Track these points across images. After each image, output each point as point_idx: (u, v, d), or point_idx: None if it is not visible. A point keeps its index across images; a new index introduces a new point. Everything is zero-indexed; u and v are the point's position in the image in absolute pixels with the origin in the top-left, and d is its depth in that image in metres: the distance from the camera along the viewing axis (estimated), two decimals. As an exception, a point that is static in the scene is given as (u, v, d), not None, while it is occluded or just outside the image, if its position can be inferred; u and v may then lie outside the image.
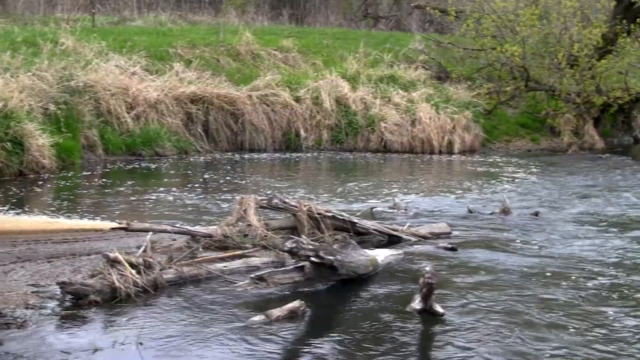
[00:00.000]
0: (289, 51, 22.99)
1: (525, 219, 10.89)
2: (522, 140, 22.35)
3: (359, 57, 22.62)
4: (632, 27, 22.11)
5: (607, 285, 7.42)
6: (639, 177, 15.94)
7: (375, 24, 33.07)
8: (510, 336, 5.94)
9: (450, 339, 5.93)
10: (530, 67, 22.24)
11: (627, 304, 6.82)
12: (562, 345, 5.78)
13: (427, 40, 25.24)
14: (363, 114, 20.18)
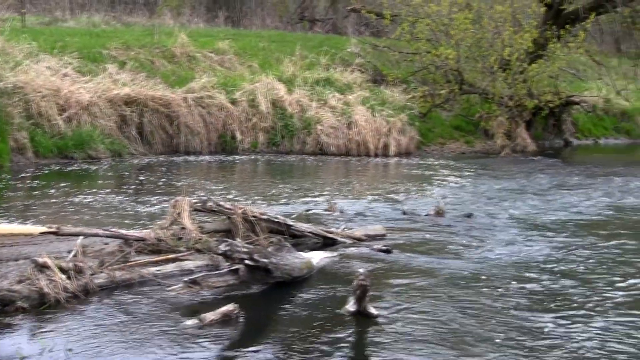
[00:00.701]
0: (225, 53, 22.88)
1: (459, 220, 10.99)
2: (456, 143, 22.60)
3: (296, 60, 22.62)
4: (561, 33, 22.56)
5: (538, 289, 7.47)
6: (569, 180, 16.22)
7: (312, 27, 33.11)
8: (442, 339, 5.98)
9: (384, 340, 5.94)
10: (464, 70, 22.52)
11: (556, 309, 6.86)
12: (491, 350, 5.81)
13: (363, 44, 25.38)
14: (299, 116, 20.18)
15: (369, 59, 24.25)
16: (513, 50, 21.75)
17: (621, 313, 6.69)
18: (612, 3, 23.43)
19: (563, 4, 23.38)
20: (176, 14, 30.06)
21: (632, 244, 9.53)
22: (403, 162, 19.12)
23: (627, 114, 28.54)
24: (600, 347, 5.87)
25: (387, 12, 23.42)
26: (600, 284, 7.65)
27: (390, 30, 26.04)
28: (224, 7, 32.75)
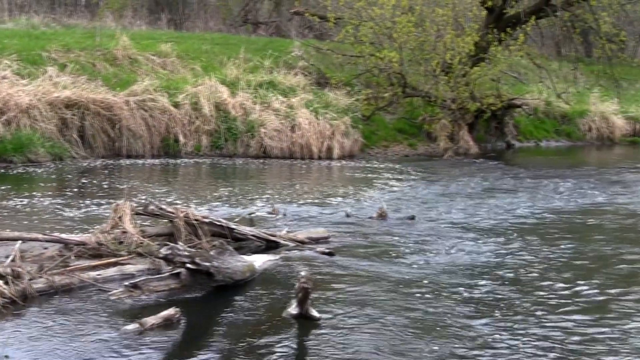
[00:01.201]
0: (167, 56, 22.66)
1: (401, 223, 11.07)
2: (399, 146, 22.75)
3: (239, 62, 22.51)
4: (502, 36, 22.87)
5: (479, 295, 7.52)
6: (511, 182, 16.45)
7: (255, 30, 33.03)
8: (383, 343, 6.01)
9: (326, 343, 5.96)
10: (407, 73, 22.67)
11: (497, 315, 6.88)
12: (431, 356, 5.85)
13: (307, 47, 25.39)
14: (243, 119, 20.10)
15: (313, 61, 24.27)
16: (455, 54, 21.97)
17: (561, 318, 6.74)
18: (552, 7, 23.82)
19: (504, 7, 23.69)
20: (118, 17, 29.69)
21: (572, 248, 9.64)
22: (346, 165, 19.18)
23: (567, 117, 29.00)
24: (539, 354, 5.91)
25: (330, 15, 23.45)
26: (541, 289, 7.69)
27: (334, 33, 26.11)
28: (167, 9, 32.47)
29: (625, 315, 6.83)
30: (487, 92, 23.70)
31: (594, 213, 12.50)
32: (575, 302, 7.24)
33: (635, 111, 30.66)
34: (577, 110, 29.08)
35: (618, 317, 6.77)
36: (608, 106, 29.55)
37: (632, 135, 30.11)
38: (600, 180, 17.03)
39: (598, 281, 7.99)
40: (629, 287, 7.78)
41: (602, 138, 28.98)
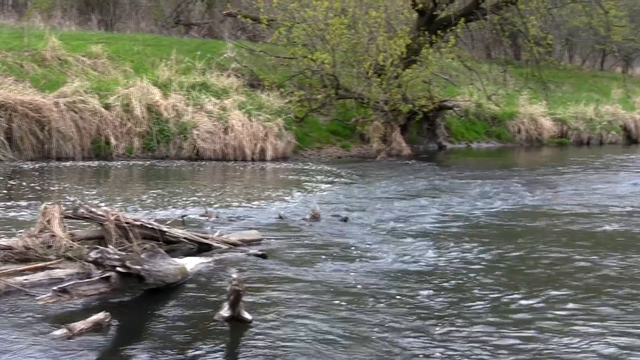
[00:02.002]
0: (98, 57, 22.33)
1: (335, 224, 11.11)
2: (333, 147, 22.86)
3: (171, 64, 22.31)
4: (434, 39, 23.15)
5: (411, 299, 7.56)
6: (443, 183, 16.65)
7: (188, 31, 32.79)
8: (315, 345, 6.01)
9: (258, 346, 5.93)
10: (340, 75, 22.77)
11: (431, 321, 6.84)
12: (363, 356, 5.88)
13: (239, 48, 25.30)
14: (175, 121, 19.93)
15: (246, 63, 24.20)
16: (387, 56, 22.15)
17: (498, 325, 6.69)
18: (482, 11, 24.21)
19: (435, 10, 23.98)
20: (47, 17, 29.12)
21: (505, 250, 9.70)
22: (280, 167, 19.18)
23: (497, 119, 29.51)
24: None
25: (263, 16, 23.42)
26: (476, 295, 7.60)
27: (267, 34, 26.11)
28: (97, 10, 31.99)
29: (560, 322, 6.82)
30: (419, 94, 24.02)
31: (523, 214, 12.71)
32: (509, 309, 7.15)
33: (562, 113, 31.40)
34: (507, 112, 29.64)
35: (553, 325, 6.68)
36: (536, 108, 30.21)
37: (559, 136, 30.85)
38: (530, 181, 17.36)
39: (530, 286, 7.93)
40: (560, 290, 7.74)
41: (531, 139, 29.59)
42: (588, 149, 29.82)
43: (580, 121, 31.75)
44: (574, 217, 12.27)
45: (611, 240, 10.39)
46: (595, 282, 8.07)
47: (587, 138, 31.66)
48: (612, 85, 39.40)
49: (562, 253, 9.40)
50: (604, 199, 14.48)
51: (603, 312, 7.00)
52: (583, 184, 17.09)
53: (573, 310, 7.02)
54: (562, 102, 32.69)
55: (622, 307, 7.18)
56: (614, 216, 12.49)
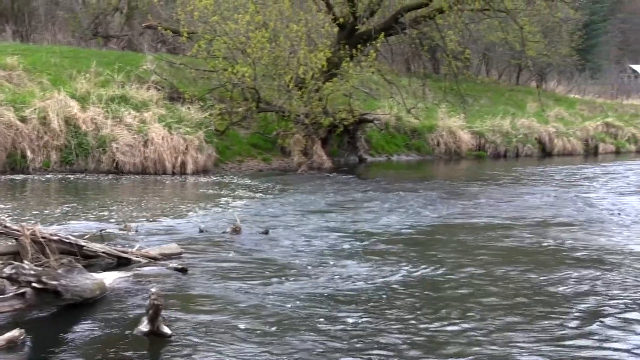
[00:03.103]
0: (13, 69, 21.81)
1: (256, 237, 11.09)
2: (254, 161, 22.82)
3: (90, 76, 21.98)
4: (354, 53, 23.36)
5: (328, 315, 7.63)
6: (363, 196, 16.77)
7: (106, 43, 32.31)
8: (234, 358, 5.99)
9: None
10: (261, 88, 22.76)
11: (346, 343, 6.85)
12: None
13: (159, 61, 25.06)
14: (94, 134, 19.64)
15: (166, 76, 23.98)
16: (308, 69, 22.25)
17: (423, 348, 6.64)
18: (401, 25, 24.53)
19: (356, 24, 24.20)
20: (-41, 28, 28.40)
21: (425, 265, 9.66)
22: (201, 180, 19.06)
23: (417, 132, 29.95)
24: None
25: (183, 29, 23.24)
26: (400, 316, 7.39)
27: (188, 47, 25.92)
28: (12, 20, 31.26)
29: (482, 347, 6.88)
30: (339, 107, 24.21)
31: (443, 228, 12.81)
32: (431, 334, 6.96)
33: (480, 126, 32.04)
34: (426, 125, 30.09)
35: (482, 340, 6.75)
36: (455, 121, 30.76)
37: (477, 149, 31.47)
38: (449, 193, 17.63)
39: (451, 307, 7.77)
40: (482, 311, 7.68)
41: (450, 152, 30.11)
42: (505, 162, 30.49)
43: (497, 134, 32.46)
44: (492, 230, 12.47)
45: (528, 254, 10.57)
46: (516, 298, 8.11)
47: (503, 151, 32.39)
48: (527, 99, 40.42)
49: (482, 268, 9.40)
50: (520, 211, 14.80)
51: (523, 329, 7.07)
52: (500, 196, 17.43)
53: (500, 333, 6.88)
54: (479, 116, 33.38)
55: (536, 325, 7.33)
56: (530, 227, 12.78)
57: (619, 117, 41.89)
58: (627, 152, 38.31)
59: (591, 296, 8.09)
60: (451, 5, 23.52)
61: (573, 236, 11.88)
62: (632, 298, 8.01)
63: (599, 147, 37.31)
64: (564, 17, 33.68)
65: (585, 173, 24.96)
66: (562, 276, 8.96)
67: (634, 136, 39.99)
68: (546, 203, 16.29)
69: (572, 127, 37.20)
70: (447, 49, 25.47)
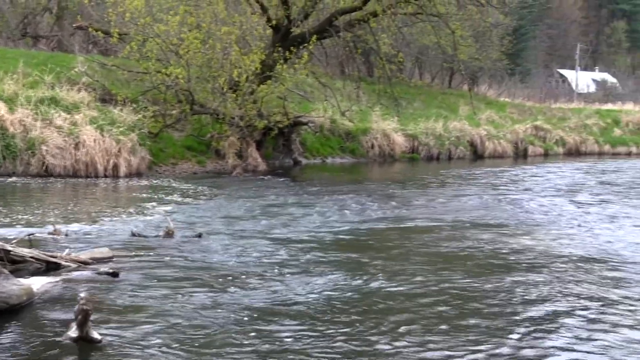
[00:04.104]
0: None
1: (189, 241, 10.97)
2: (188, 163, 22.62)
3: (17, 77, 21.48)
4: (288, 55, 23.33)
5: (251, 303, 7.59)
6: (298, 199, 16.75)
7: (35, 44, 31.71)
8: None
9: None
10: (195, 90, 22.58)
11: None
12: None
13: (91, 62, 24.65)
14: (22, 136, 19.19)
15: (97, 77, 23.59)
16: (242, 72, 22.15)
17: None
18: (335, 28, 24.60)
19: (290, 27, 24.18)
20: None
21: (360, 272, 9.53)
22: (133, 183, 18.81)
23: (351, 134, 30.08)
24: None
25: (114, 30, 22.87)
26: (334, 326, 7.19)
27: (120, 48, 25.57)
28: None
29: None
30: (274, 110, 24.15)
31: (379, 232, 12.76)
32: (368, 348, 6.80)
33: (413, 129, 32.34)
34: (361, 128, 30.25)
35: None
36: (389, 124, 30.98)
37: (411, 151, 31.75)
38: (383, 196, 17.72)
39: (392, 320, 7.48)
40: (420, 321, 7.57)
41: (384, 155, 30.31)
42: (438, 164, 30.83)
43: (430, 137, 32.81)
44: (427, 234, 12.52)
45: (461, 259, 10.63)
46: (449, 305, 8.05)
47: (436, 153, 32.75)
48: (459, 102, 40.94)
49: (416, 275, 9.23)
50: (454, 214, 14.93)
51: (458, 338, 7.05)
52: (434, 199, 17.59)
53: (438, 344, 6.69)
54: (413, 118, 33.69)
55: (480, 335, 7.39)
56: (463, 230, 12.89)
57: (547, 121, 42.71)
58: (555, 154, 39.11)
59: (528, 302, 8.05)
60: (384, 9, 23.69)
61: (505, 239, 12.01)
62: (561, 303, 8.08)
63: (528, 150, 38.01)
64: (494, 22, 34.30)
65: (515, 175, 25.39)
66: (495, 282, 8.92)
67: (561, 139, 40.84)
68: (478, 205, 16.50)
69: (502, 130, 37.78)
70: (380, 52, 25.65)
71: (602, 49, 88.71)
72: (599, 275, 9.38)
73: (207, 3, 23.14)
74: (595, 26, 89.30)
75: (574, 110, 48.37)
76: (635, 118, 46.98)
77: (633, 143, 43.82)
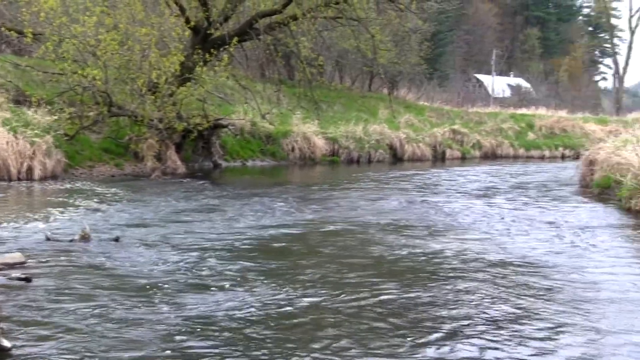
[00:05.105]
0: None
1: (105, 245, 10.77)
2: (106, 166, 22.25)
3: None
4: (207, 57, 23.18)
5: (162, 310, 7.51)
6: (217, 202, 16.63)
7: (-55, 43, 30.71)
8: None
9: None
10: (112, 92, 22.23)
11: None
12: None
13: (4, 62, 24.05)
14: None
15: (11, 78, 23.01)
16: (161, 73, 21.92)
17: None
18: (256, 31, 24.56)
19: (210, 29, 24.03)
20: None
21: (281, 280, 9.62)
22: (49, 186, 18.39)
23: (272, 137, 30.06)
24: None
25: (28, 30, 22.28)
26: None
27: (35, 49, 24.98)
28: None
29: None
30: (194, 112, 23.98)
31: (297, 236, 12.65)
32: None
33: (333, 132, 32.53)
34: (281, 131, 30.26)
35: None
36: (309, 127, 31.08)
37: (331, 154, 31.94)
38: (303, 199, 17.71)
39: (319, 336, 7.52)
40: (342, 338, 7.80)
41: (305, 157, 30.39)
42: (358, 167, 31.06)
43: (350, 140, 33.04)
44: (347, 237, 12.54)
45: (381, 264, 10.67)
46: (372, 315, 8.03)
47: (357, 156, 33.01)
48: (379, 105, 41.36)
49: (343, 282, 9.18)
50: (372, 216, 14.99)
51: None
52: (353, 201, 17.67)
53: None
54: (333, 122, 33.89)
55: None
56: (384, 233, 12.98)
57: (464, 124, 43.48)
58: (472, 157, 39.80)
59: (454, 308, 8.04)
60: (305, 13, 23.76)
61: (423, 242, 12.12)
62: (486, 312, 8.14)
63: (446, 153, 38.59)
64: (413, 27, 34.75)
65: (432, 178, 25.72)
66: (421, 289, 8.85)
67: (478, 142, 41.61)
68: (397, 208, 16.64)
69: (421, 134, 38.28)
70: (301, 56, 25.71)
71: (516, 55, 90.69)
72: (521, 279, 9.49)
73: (124, 4, 22.79)
74: (510, 32, 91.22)
75: (490, 114, 49.35)
76: (548, 122, 48.23)
77: (546, 147, 45.00)
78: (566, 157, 42.57)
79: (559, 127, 47.98)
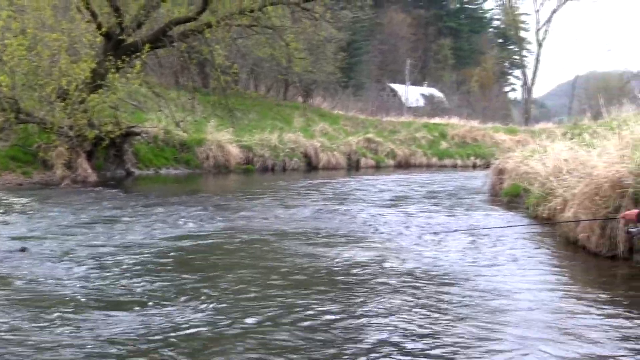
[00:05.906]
0: None
1: (11, 255, 10.50)
2: (12, 174, 21.70)
3: None
4: (120, 64, 22.87)
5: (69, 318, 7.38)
6: (130, 211, 16.39)
7: None
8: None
9: None
10: (20, 98, 21.73)
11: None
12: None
13: None
14: None
15: None
16: (72, 80, 21.53)
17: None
18: (170, 38, 24.36)
19: (122, 35, 23.72)
20: None
21: (198, 296, 9.59)
22: (-48, 195, 17.84)
23: (186, 145, 29.84)
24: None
25: None
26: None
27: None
28: None
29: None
30: (106, 120, 23.64)
31: (213, 246, 12.53)
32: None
33: (248, 140, 32.50)
34: (195, 139, 30.09)
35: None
36: (224, 135, 31.00)
37: (246, 163, 31.91)
38: (217, 207, 17.59)
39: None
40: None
41: (219, 166, 30.29)
42: (272, 175, 31.07)
43: (265, 148, 33.07)
44: (261, 246, 12.51)
45: (293, 274, 10.70)
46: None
47: (271, 164, 33.05)
48: (294, 114, 41.52)
49: (257, 294, 9.43)
50: (287, 225, 15.00)
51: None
52: (267, 210, 17.65)
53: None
54: (248, 130, 33.86)
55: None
56: (296, 241, 13.00)
57: (378, 133, 44.00)
58: (386, 166, 40.30)
59: (370, 319, 8.20)
60: (219, 21, 23.70)
61: (336, 252, 12.16)
62: (405, 322, 8.25)
63: (360, 162, 38.99)
64: (328, 36, 34.97)
65: (347, 186, 25.90)
66: (342, 300, 8.84)
67: (392, 151, 42.17)
68: (310, 217, 16.66)
69: (336, 142, 38.57)
70: (215, 63, 25.60)
71: (430, 65, 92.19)
72: (431, 288, 9.61)
73: (33, 8, 22.30)
74: (423, 43, 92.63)
75: (404, 123, 50.09)
76: (460, 132, 49.24)
77: (458, 156, 45.90)
78: (477, 166, 43.38)
79: (471, 137, 49.04)
